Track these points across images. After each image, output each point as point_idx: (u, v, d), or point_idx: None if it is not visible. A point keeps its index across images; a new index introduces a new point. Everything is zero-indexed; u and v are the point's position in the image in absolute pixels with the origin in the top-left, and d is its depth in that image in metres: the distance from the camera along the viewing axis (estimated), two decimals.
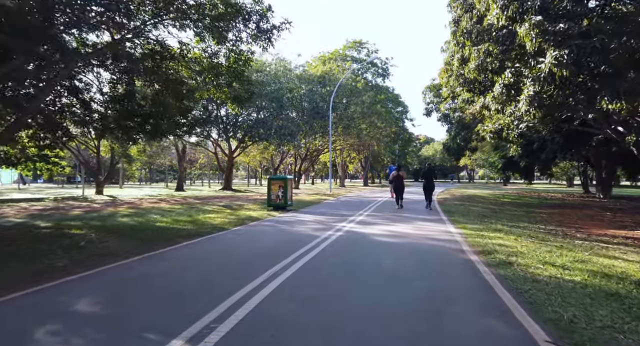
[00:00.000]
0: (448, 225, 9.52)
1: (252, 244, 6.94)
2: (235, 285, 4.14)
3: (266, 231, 8.44)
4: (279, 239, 7.40)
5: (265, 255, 5.78)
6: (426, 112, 18.26)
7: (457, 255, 5.93)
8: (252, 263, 5.26)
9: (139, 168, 69.81)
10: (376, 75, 41.32)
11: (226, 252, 6.26)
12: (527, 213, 13.33)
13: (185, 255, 6.00)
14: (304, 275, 4.63)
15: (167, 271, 4.94)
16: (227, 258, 5.74)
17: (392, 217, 11.42)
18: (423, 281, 4.44)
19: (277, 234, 8.01)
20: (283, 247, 6.52)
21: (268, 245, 6.76)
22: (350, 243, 6.94)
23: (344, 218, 10.93)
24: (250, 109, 25.26)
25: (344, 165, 45.37)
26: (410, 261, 5.54)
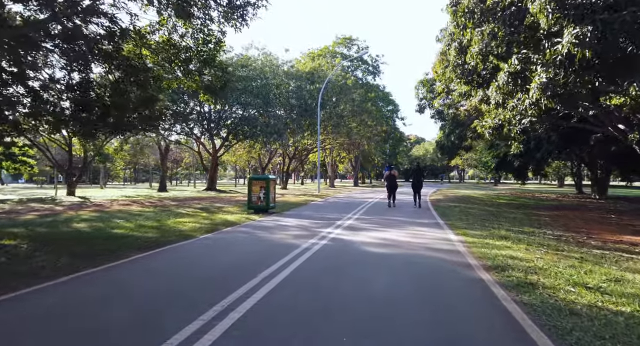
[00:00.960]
0: (447, 231, 8.49)
1: (215, 259, 5.78)
2: (172, 327, 3.02)
3: (238, 240, 7.29)
4: (250, 251, 6.26)
5: (225, 278, 4.63)
6: (419, 109, 17.31)
7: (464, 271, 4.88)
8: (205, 289, 4.12)
9: (123, 168, 67.88)
10: (366, 73, 40.37)
11: (178, 271, 5.09)
12: (527, 216, 12.41)
13: (125, 275, 4.81)
14: (265, 312, 3.49)
15: (90, 302, 3.77)
16: (176, 282, 4.58)
17: (383, 221, 10.36)
18: (425, 314, 3.36)
19: (249, 244, 6.87)
20: (251, 262, 5.39)
21: (234, 260, 5.62)
22: (334, 257, 5.83)
23: (331, 222, 9.83)
24: (235, 106, 24.02)
25: (333, 164, 44.33)
26: (406, 282, 4.47)
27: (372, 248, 6.46)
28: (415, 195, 14.62)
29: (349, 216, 11.37)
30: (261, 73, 24.92)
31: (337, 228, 8.75)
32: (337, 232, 8.28)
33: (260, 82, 23.92)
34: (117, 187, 49.27)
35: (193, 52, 8.36)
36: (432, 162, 77.25)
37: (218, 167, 32.21)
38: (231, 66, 23.66)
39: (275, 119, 24.13)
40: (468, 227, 9.15)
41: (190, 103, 23.48)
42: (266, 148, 28.62)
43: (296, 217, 11.26)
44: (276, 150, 36.20)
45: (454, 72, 10.99)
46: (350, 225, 9.36)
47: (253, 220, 10.36)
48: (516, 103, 9.73)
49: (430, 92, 16.83)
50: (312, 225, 9.31)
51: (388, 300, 3.75)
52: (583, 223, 10.75)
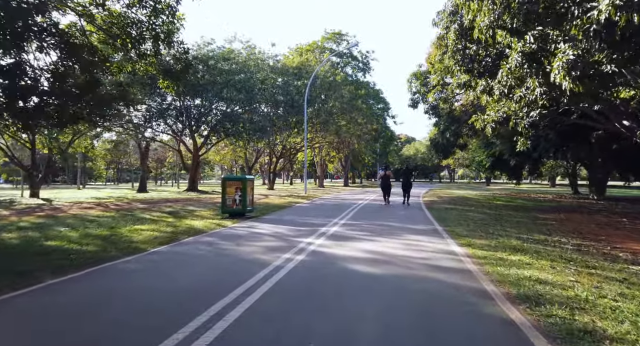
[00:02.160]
0: (448, 240, 7.23)
1: (147, 289, 4.33)
2: None
3: (194, 256, 5.89)
4: (201, 274, 4.88)
5: (142, 328, 3.27)
6: (412, 103, 16.10)
7: (484, 306, 3.59)
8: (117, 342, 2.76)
9: (105, 167, 65.57)
10: (357, 70, 39.17)
11: (92, 309, 3.71)
12: (531, 219, 11.26)
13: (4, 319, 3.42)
14: None
15: None
16: (86, 325, 3.20)
17: (374, 227, 9.07)
18: None
19: (205, 263, 5.48)
20: (196, 293, 4.02)
21: (173, 289, 4.23)
22: (310, 280, 4.51)
23: (313, 229, 8.50)
24: (216, 101, 22.52)
25: (322, 164, 43.02)
26: (406, 327, 3.16)
27: (360, 266, 5.15)
28: (404, 194, 15.68)
29: (335, 221, 10.05)
30: (245, 67, 23.47)
31: (319, 238, 7.43)
32: (319, 242, 6.96)
33: (244, 76, 22.47)
34: (97, 188, 47.19)
35: (145, 27, 6.93)
36: (423, 162, 76.49)
37: (200, 166, 30.64)
38: (212, 59, 22.21)
39: (260, 116, 22.71)
40: (471, 235, 7.91)
41: (167, 98, 21.91)
42: (250, 146, 27.15)
43: (275, 222, 9.90)
44: (263, 149, 34.78)
45: (453, 58, 9.76)
46: (336, 233, 8.04)
47: (224, 227, 8.98)
48: (525, 93, 8.54)
49: (424, 85, 15.62)
50: (291, 234, 7.97)
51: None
52: (597, 229, 9.63)
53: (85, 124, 10.47)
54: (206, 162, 55.33)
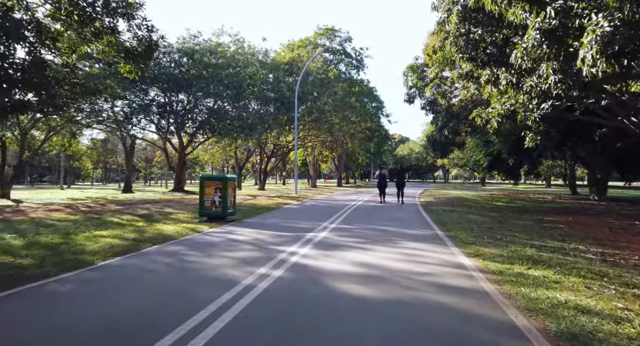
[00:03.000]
0: (452, 249, 6.26)
1: (67, 322, 3.33)
2: None
3: (150, 271, 4.84)
4: (150, 298, 3.83)
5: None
6: (408, 98, 15.13)
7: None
8: None
9: (92, 167, 63.89)
10: (350, 67, 38.17)
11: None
12: (538, 222, 10.36)
13: None
14: None
15: None
16: None
17: (368, 232, 8.08)
18: None
19: (159, 281, 4.43)
20: (129, 330, 2.99)
21: (101, 324, 3.19)
22: (283, 309, 3.49)
23: (299, 235, 7.49)
24: (201, 97, 21.38)
25: (315, 164, 41.98)
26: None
27: (349, 286, 4.14)
28: (398, 192, 16.05)
29: (325, 225, 9.04)
30: (233, 61, 22.36)
31: (304, 246, 6.41)
32: (304, 251, 5.94)
33: (232, 71, 21.36)
34: (82, 188, 45.67)
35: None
36: (417, 162, 75.88)
37: (186, 165, 29.49)
38: (197, 52, 21.11)
39: (248, 112, 21.62)
40: (478, 242, 6.96)
41: (150, 93, 20.74)
42: (239, 145, 26.06)
43: (258, 227, 8.86)
44: (254, 148, 33.71)
45: (455, 44, 8.81)
46: (324, 240, 7.03)
47: (198, 233, 7.93)
48: (536, 82, 7.62)
49: (421, 79, 14.68)
50: (272, 241, 6.95)
51: None
52: (611, 234, 8.74)
53: (56, 118, 9.40)
54: (196, 161, 54.02)
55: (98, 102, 19.15)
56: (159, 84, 20.47)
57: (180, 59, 20.39)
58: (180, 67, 20.79)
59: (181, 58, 20.44)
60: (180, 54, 20.38)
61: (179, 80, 20.14)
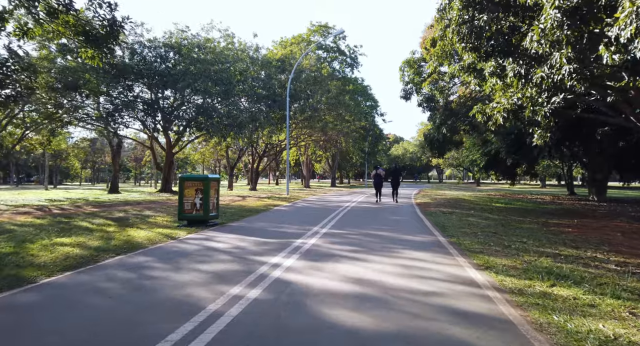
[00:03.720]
0: (459, 259, 5.51)
1: None
2: None
3: (97, 292, 4.00)
4: (78, 334, 3.00)
5: None
6: (404, 95, 14.37)
7: None
8: None
9: (81, 167, 62.47)
10: (344, 65, 37.44)
11: None
12: (544, 226, 9.68)
13: None
14: None
15: None
16: None
17: (363, 238, 7.30)
18: None
19: (106, 306, 3.58)
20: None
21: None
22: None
23: (286, 243, 6.69)
24: (188, 93, 20.47)
25: (308, 163, 41.19)
26: None
27: (341, 313, 3.35)
28: (393, 192, 16.57)
29: (315, 230, 8.25)
30: (222, 56, 21.48)
31: (290, 256, 5.62)
32: (289, 263, 5.15)
33: (221, 66, 20.48)
34: (69, 188, 44.38)
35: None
36: (411, 162, 75.46)
37: (174, 165, 28.56)
38: (184, 47, 20.22)
39: (238, 110, 20.75)
40: (485, 250, 6.22)
41: (135, 89, 19.79)
42: (228, 143, 25.18)
43: (242, 232, 8.04)
44: (245, 147, 32.83)
45: (458, 33, 8.07)
46: (313, 249, 6.23)
47: (174, 239, 7.09)
48: (548, 73, 6.91)
49: (418, 74, 13.94)
50: (255, 249, 6.14)
51: None
52: (625, 238, 8.08)
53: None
54: (187, 161, 52.94)
55: (78, 98, 18.20)
56: (143, 79, 19.53)
57: (166, 53, 19.47)
58: (166, 62, 19.87)
59: (167, 53, 19.52)
60: (166, 48, 19.46)
61: (165, 76, 19.22)
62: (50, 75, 14.59)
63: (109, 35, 6.03)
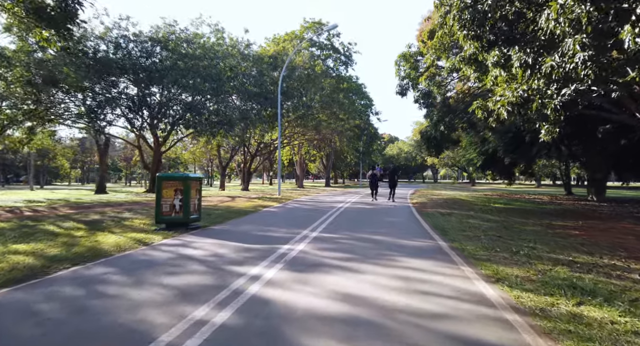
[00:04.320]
0: (464, 269, 4.86)
1: None
2: None
3: (34, 314, 3.26)
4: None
5: None
6: (400, 90, 13.69)
7: None
8: None
9: (71, 166, 61.16)
10: (338, 63, 36.75)
11: None
12: (549, 228, 9.08)
13: None
14: None
15: None
16: None
17: (356, 244, 6.62)
18: None
19: (26, 340, 2.87)
20: None
21: None
22: None
23: (270, 249, 6.00)
24: (174, 89, 19.67)
25: (302, 163, 40.50)
26: None
27: (327, 343, 2.67)
28: (390, 191, 17.07)
29: (305, 234, 7.56)
30: (211, 51, 20.70)
31: (273, 265, 4.93)
32: (270, 275, 4.46)
33: (210, 62, 19.70)
34: (56, 189, 43.23)
35: None
36: (406, 162, 75.07)
37: (162, 164, 27.73)
38: (172, 42, 19.44)
39: (227, 107, 19.99)
40: (492, 257, 5.58)
41: (120, 85, 18.94)
42: (216, 141, 24.40)
43: (224, 236, 7.33)
44: (237, 146, 32.06)
45: (459, 20, 7.43)
46: (300, 256, 5.55)
47: (147, 245, 6.37)
48: (559, 62, 6.30)
49: (414, 69, 13.30)
50: (234, 258, 5.44)
51: None
52: (637, 242, 7.50)
53: None
54: (179, 161, 51.95)
55: (60, 94, 17.35)
56: (128, 75, 18.71)
57: (152, 48, 18.64)
58: (153, 57, 19.06)
59: (153, 47, 18.70)
60: (153, 42, 18.64)
61: (151, 72, 18.41)
62: (27, 69, 13.74)
63: (64, 15, 5.28)
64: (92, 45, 18.24)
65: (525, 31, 7.44)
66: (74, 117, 18.13)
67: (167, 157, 45.11)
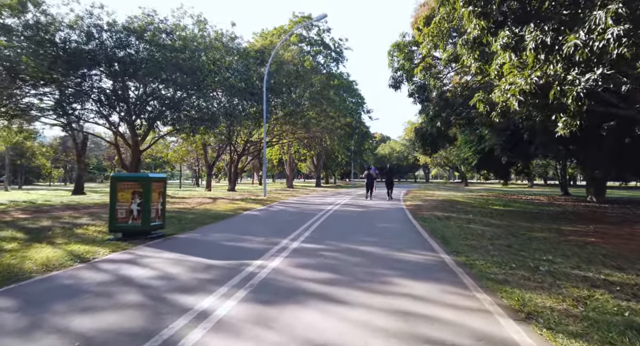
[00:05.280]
0: (482, 300, 3.76)
1: None
2: None
3: None
4: None
5: None
6: (393, 83, 12.59)
7: None
8: None
9: (54, 166, 59.01)
10: (329, 59, 35.67)
11: None
12: (560, 235, 8.08)
13: None
14: None
15: None
16: None
17: (342, 258, 5.50)
18: None
19: None
20: None
21: None
22: None
23: (236, 267, 4.84)
24: (150, 83, 18.35)
25: (292, 162, 39.29)
26: None
27: None
28: (388, 190, 18.49)
29: (284, 244, 6.41)
30: (192, 43, 19.39)
31: (234, 293, 3.77)
32: (225, 310, 3.31)
33: (190, 54, 18.40)
34: (35, 189, 41.38)
35: None
36: (398, 161, 74.36)
37: (141, 163, 26.34)
38: (150, 32, 18.09)
39: (209, 102, 18.70)
40: (511, 277, 4.50)
41: (92, 78, 17.51)
42: (196, 139, 23.09)
43: (186, 249, 6.14)
44: (224, 145, 30.75)
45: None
46: (272, 278, 4.40)
47: (84, 262, 5.16)
48: (585, 40, 5.27)
49: (409, 60, 12.22)
50: (187, 281, 4.27)
51: None
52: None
53: None
54: (165, 160, 50.30)
55: (25, 88, 15.92)
56: (101, 66, 17.33)
57: (127, 38, 17.26)
58: (129, 48, 17.70)
59: (128, 37, 17.32)
60: (128, 32, 17.27)
61: (126, 64, 17.06)
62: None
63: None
64: (63, 35, 16.86)
65: (541, 7, 6.40)
66: (38, 113, 16.66)
67: (152, 156, 43.52)
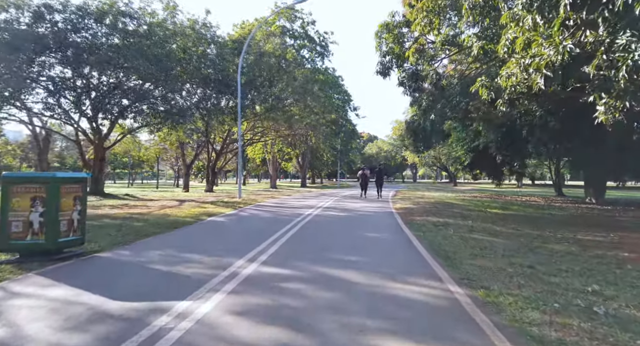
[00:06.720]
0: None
1: None
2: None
3: None
4: None
5: None
6: (382, 70, 10.95)
7: None
8: None
9: (27, 165, 55.77)
10: (314, 53, 33.97)
11: None
12: (583, 249, 6.60)
13: None
14: None
15: None
16: None
17: (311, 295, 3.84)
18: None
19: None
20: None
21: None
22: None
23: (145, 315, 3.12)
24: (121, 74, 16.39)
25: (275, 162, 37.51)
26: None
27: None
28: (378, 189, 18.99)
29: (237, 267, 4.69)
30: (160, 29, 17.50)
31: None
32: None
33: (155, 40, 16.51)
34: None
35: None
36: (386, 161, 73.32)
37: (105, 161, 24.28)
38: (108, 13, 16.15)
39: (177, 94, 16.83)
40: (562, 331, 2.91)
41: (43, 65, 15.45)
42: (162, 134, 21.17)
43: (93, 279, 4.39)
44: (202, 143, 28.79)
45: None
46: (189, 341, 2.69)
47: None
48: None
49: (399, 43, 10.64)
50: None
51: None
52: None
53: None
54: (142, 159, 47.81)
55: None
56: (52, 52, 15.30)
57: (80, 20, 15.26)
58: (85, 31, 15.73)
59: (82, 19, 15.32)
60: (82, 13, 15.27)
61: (79, 49, 15.08)
62: None
63: None
64: (7, 16, 14.82)
65: None
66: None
67: (129, 156, 41.15)
